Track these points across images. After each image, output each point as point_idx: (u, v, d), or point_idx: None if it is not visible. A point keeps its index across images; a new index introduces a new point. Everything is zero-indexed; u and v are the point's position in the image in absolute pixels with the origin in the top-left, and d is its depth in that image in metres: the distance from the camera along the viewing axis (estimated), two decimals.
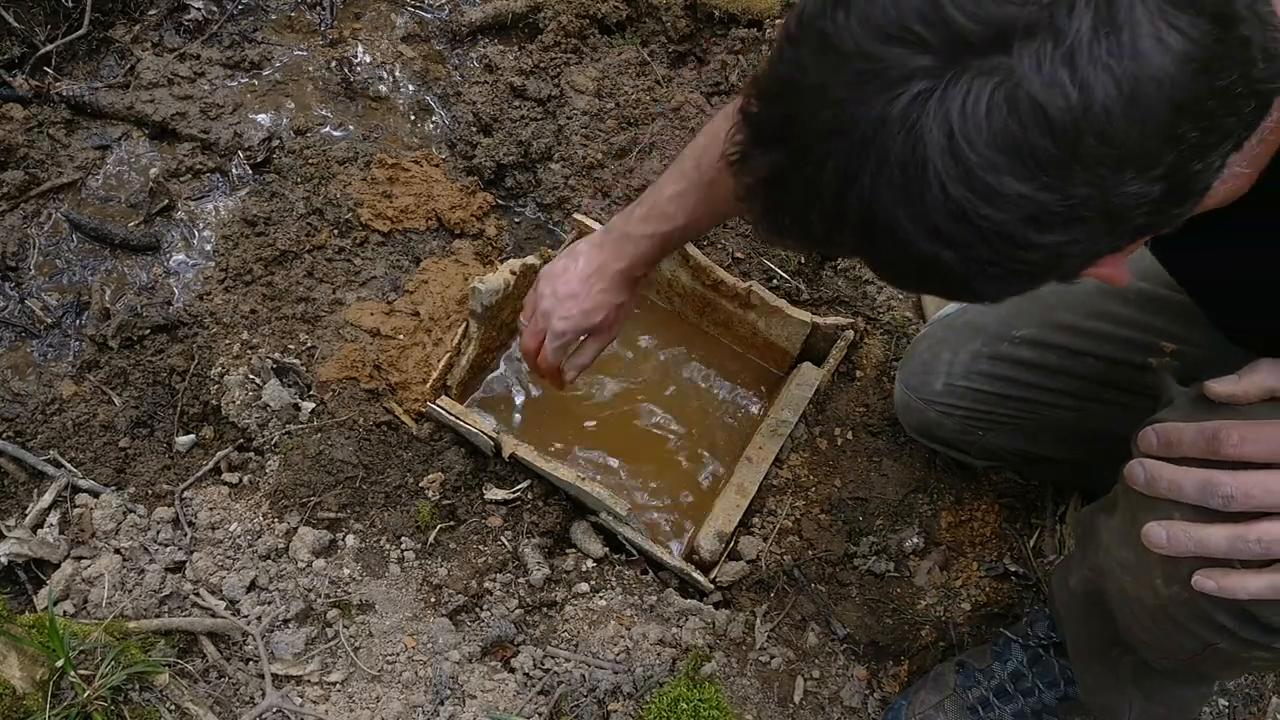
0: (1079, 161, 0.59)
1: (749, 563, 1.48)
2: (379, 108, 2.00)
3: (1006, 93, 0.57)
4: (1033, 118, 0.57)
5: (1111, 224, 0.62)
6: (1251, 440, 0.79)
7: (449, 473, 1.51)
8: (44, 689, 1.10)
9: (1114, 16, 0.57)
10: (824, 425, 1.59)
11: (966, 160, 0.59)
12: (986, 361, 1.32)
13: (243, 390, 1.53)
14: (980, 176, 0.59)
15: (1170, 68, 0.57)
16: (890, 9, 0.59)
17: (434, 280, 1.69)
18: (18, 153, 1.76)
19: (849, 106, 0.61)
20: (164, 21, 2.00)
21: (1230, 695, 1.47)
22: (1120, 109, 0.57)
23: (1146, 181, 0.60)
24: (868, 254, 0.70)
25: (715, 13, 2.06)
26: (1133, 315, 1.20)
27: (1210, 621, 0.87)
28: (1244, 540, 0.79)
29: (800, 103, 0.64)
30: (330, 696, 1.31)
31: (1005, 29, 0.57)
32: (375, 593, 1.40)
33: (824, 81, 0.62)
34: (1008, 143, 0.58)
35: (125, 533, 1.40)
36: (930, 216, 0.61)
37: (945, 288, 0.69)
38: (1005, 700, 1.32)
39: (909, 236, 0.63)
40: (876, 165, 0.61)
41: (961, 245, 0.62)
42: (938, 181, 0.60)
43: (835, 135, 0.62)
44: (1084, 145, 0.58)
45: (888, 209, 0.62)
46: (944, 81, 0.58)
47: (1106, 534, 0.99)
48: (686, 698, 1.30)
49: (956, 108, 0.58)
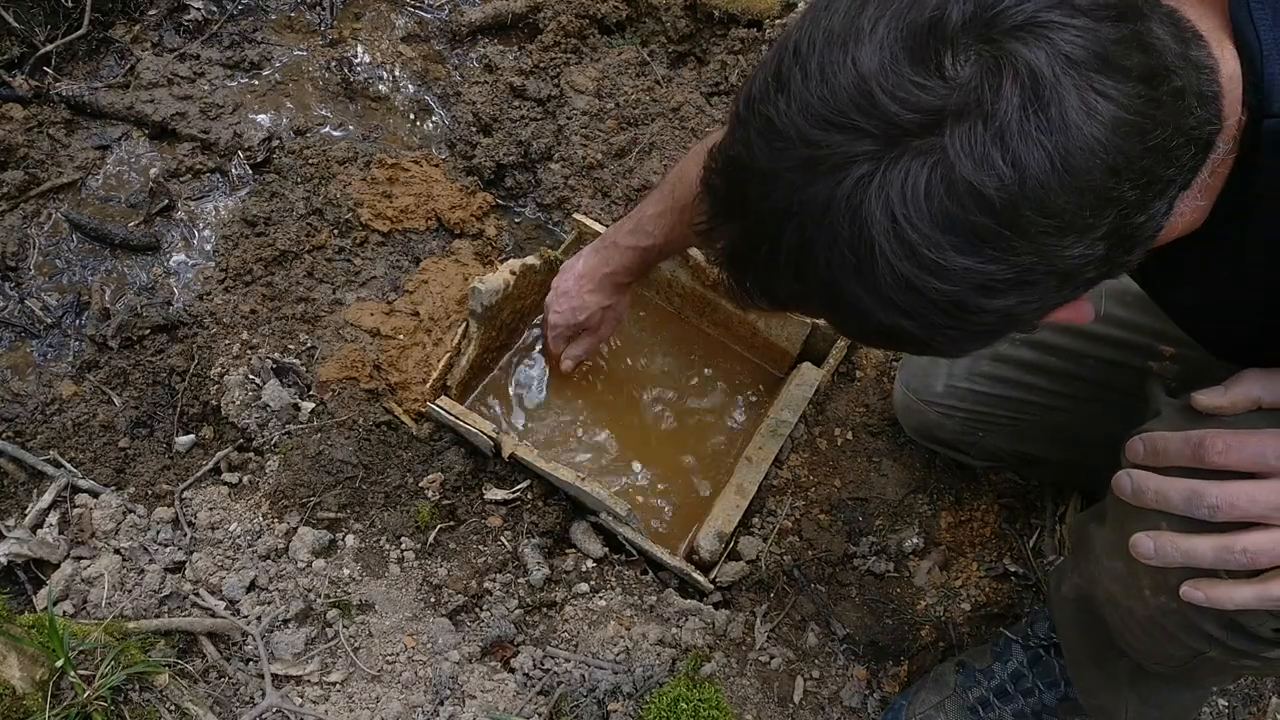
0: (1020, 234, 0.60)
1: (749, 563, 1.48)
2: (379, 108, 2.00)
3: (943, 173, 0.60)
4: (970, 197, 0.59)
5: (1061, 282, 0.64)
6: (1236, 449, 0.79)
7: (449, 473, 1.51)
8: (44, 689, 1.10)
9: (1040, 93, 0.58)
10: (824, 425, 1.59)
11: (909, 240, 0.61)
12: (987, 363, 1.32)
13: (242, 390, 1.53)
14: (925, 254, 0.61)
15: (1101, 135, 0.59)
16: (828, 98, 0.62)
17: (434, 280, 1.69)
18: (17, 153, 1.76)
19: (797, 190, 0.64)
20: (164, 21, 2.00)
21: (1230, 695, 1.47)
22: (1055, 181, 0.59)
23: (1089, 244, 0.62)
24: (835, 323, 0.74)
25: (715, 13, 2.06)
26: (1133, 318, 1.20)
27: (1199, 631, 0.87)
28: (1230, 551, 0.79)
29: (752, 184, 0.67)
30: (330, 696, 1.31)
31: (936, 114, 0.59)
32: (375, 593, 1.40)
33: (772, 165, 0.65)
34: (948, 221, 0.60)
35: (125, 533, 1.40)
36: (883, 290, 0.64)
37: (911, 348, 0.73)
38: (1005, 700, 1.32)
39: (868, 308, 0.66)
40: (828, 246, 0.64)
41: (918, 314, 0.65)
42: (884, 260, 0.62)
43: (786, 216, 0.65)
44: (1023, 218, 0.60)
45: (843, 284, 0.65)
46: (883, 165, 0.61)
47: (1098, 543, 1.00)
48: (686, 698, 1.30)
49: (896, 191, 0.60)
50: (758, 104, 0.66)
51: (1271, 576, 0.78)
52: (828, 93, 0.62)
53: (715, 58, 2.04)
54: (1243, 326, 0.87)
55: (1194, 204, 0.75)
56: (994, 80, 0.59)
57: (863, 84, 0.61)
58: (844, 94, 0.61)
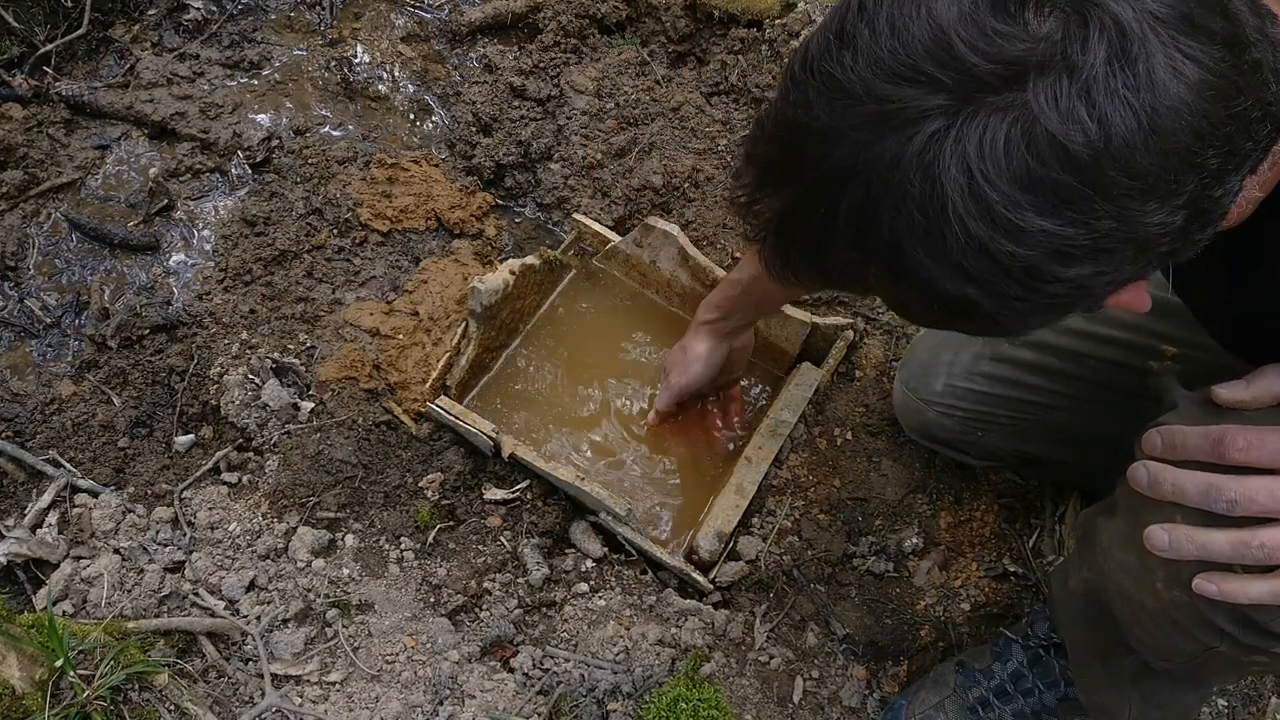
0: (1103, 194, 0.58)
1: (748, 563, 1.48)
2: (378, 107, 2.00)
3: (1024, 129, 0.57)
4: (1052, 154, 0.57)
5: (1137, 253, 0.62)
6: (1257, 446, 0.78)
7: (448, 473, 1.51)
8: (43, 689, 1.10)
9: (1128, 48, 0.56)
10: (823, 425, 1.59)
11: (986, 198, 0.58)
12: (987, 362, 1.32)
13: (242, 390, 1.53)
14: (1002, 214, 0.58)
15: (1187, 96, 0.57)
16: (899, 50, 0.59)
17: (433, 280, 1.69)
18: (17, 152, 1.76)
19: (862, 148, 0.60)
20: (163, 21, 2.00)
21: (1230, 695, 1.47)
22: (1141, 140, 0.57)
23: (1170, 211, 0.60)
24: (893, 293, 0.69)
25: (715, 13, 2.06)
26: (1135, 320, 1.20)
27: (1210, 625, 0.87)
28: (1247, 546, 0.78)
29: (811, 144, 0.63)
30: (329, 696, 1.31)
31: (1019, 66, 0.57)
32: (374, 593, 1.40)
33: (835, 123, 0.62)
34: (1028, 179, 0.57)
35: (124, 533, 1.40)
36: (953, 254, 0.60)
37: (973, 325, 0.68)
38: (1005, 700, 1.32)
39: (933, 275, 0.62)
40: (895, 206, 0.60)
41: (987, 282, 0.61)
42: (958, 220, 0.59)
43: (849, 175, 0.62)
44: (1106, 178, 0.57)
45: (909, 248, 0.61)
46: (959, 120, 0.58)
47: (1106, 536, 0.99)
48: (686, 698, 1.30)
49: (974, 146, 0.58)
50: (818, 63, 0.63)
51: None
52: (899, 46, 0.59)
53: (715, 58, 2.04)
54: (1269, 322, 0.86)
55: (1252, 194, 0.73)
56: (1080, 33, 0.57)
57: (940, 34, 0.58)
58: (918, 46, 0.58)
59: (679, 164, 1.84)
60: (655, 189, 1.82)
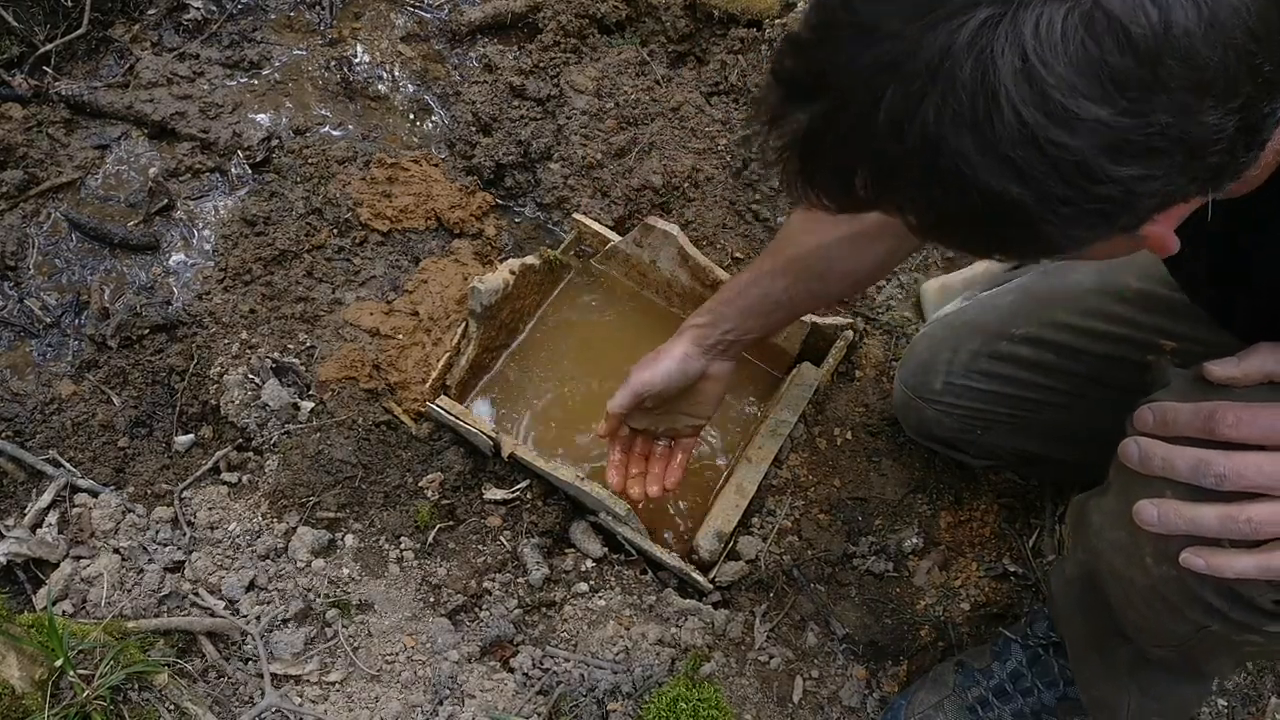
0: (1160, 84, 0.57)
1: (748, 563, 1.48)
2: (378, 107, 2.00)
3: (1082, 13, 0.56)
4: (1112, 37, 0.56)
5: (1188, 159, 0.60)
6: (1248, 422, 0.79)
7: (448, 472, 1.51)
8: (43, 689, 1.10)
9: None
10: (823, 425, 1.59)
11: (1042, 83, 0.56)
12: (986, 360, 1.32)
13: (242, 390, 1.53)
14: (1057, 100, 0.57)
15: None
16: None
17: (433, 280, 1.69)
18: (17, 152, 1.76)
19: (906, 40, 0.59)
20: (163, 21, 2.00)
21: (1229, 695, 1.47)
22: (1201, 31, 0.56)
23: (1225, 113, 0.59)
24: (926, 198, 0.65)
25: (715, 13, 2.06)
26: (1131, 314, 1.20)
27: (1200, 602, 0.87)
28: (1234, 520, 0.79)
29: (847, 44, 0.62)
30: (329, 696, 1.31)
31: None
32: (374, 592, 1.40)
33: (875, 18, 0.60)
34: (1086, 64, 0.56)
35: (124, 532, 1.40)
36: (1001, 146, 0.58)
37: (1011, 234, 0.65)
38: (1004, 700, 1.32)
39: (976, 171, 0.59)
40: (942, 96, 0.58)
41: (1034, 179, 0.59)
42: (1010, 107, 0.57)
43: (890, 70, 0.60)
44: (1165, 67, 0.56)
45: (954, 142, 0.59)
46: (1013, 5, 0.56)
47: (1098, 516, 1.00)
48: (686, 697, 1.30)
49: (1029, 30, 0.56)
50: None
51: (1274, 547, 0.78)
52: None
53: (715, 57, 2.04)
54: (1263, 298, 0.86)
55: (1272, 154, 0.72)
56: None
57: None
58: None
59: (679, 164, 1.84)
60: (655, 189, 1.82)
